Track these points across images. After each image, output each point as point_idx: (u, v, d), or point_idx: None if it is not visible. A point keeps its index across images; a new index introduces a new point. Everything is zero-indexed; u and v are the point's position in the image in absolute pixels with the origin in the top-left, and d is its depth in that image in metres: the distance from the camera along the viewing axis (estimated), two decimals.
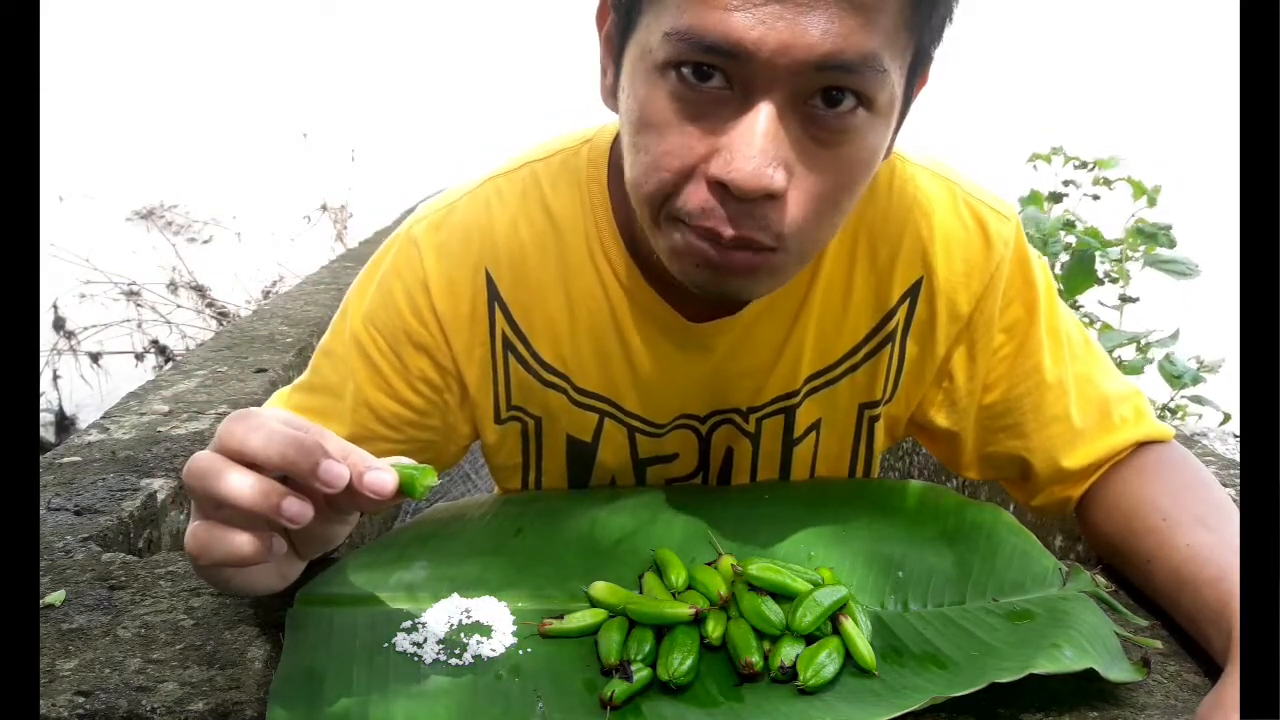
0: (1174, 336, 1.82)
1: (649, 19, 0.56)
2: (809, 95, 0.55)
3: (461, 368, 0.75)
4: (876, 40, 0.53)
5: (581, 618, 0.61)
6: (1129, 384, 0.78)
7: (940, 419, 0.78)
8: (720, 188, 0.56)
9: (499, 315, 0.74)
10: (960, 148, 0.77)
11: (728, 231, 0.57)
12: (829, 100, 0.55)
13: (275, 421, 0.51)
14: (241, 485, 0.49)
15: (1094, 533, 0.76)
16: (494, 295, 0.74)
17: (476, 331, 0.74)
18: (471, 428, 0.80)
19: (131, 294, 4.12)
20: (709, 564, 0.66)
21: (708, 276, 0.60)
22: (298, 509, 0.50)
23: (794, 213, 0.57)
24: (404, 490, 0.52)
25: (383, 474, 0.51)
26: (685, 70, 0.55)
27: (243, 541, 0.51)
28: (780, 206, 0.56)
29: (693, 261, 0.60)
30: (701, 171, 0.56)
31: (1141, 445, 0.76)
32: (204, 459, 0.51)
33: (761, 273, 0.60)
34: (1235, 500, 0.78)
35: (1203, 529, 0.65)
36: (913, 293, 0.74)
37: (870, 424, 0.79)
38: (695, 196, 0.57)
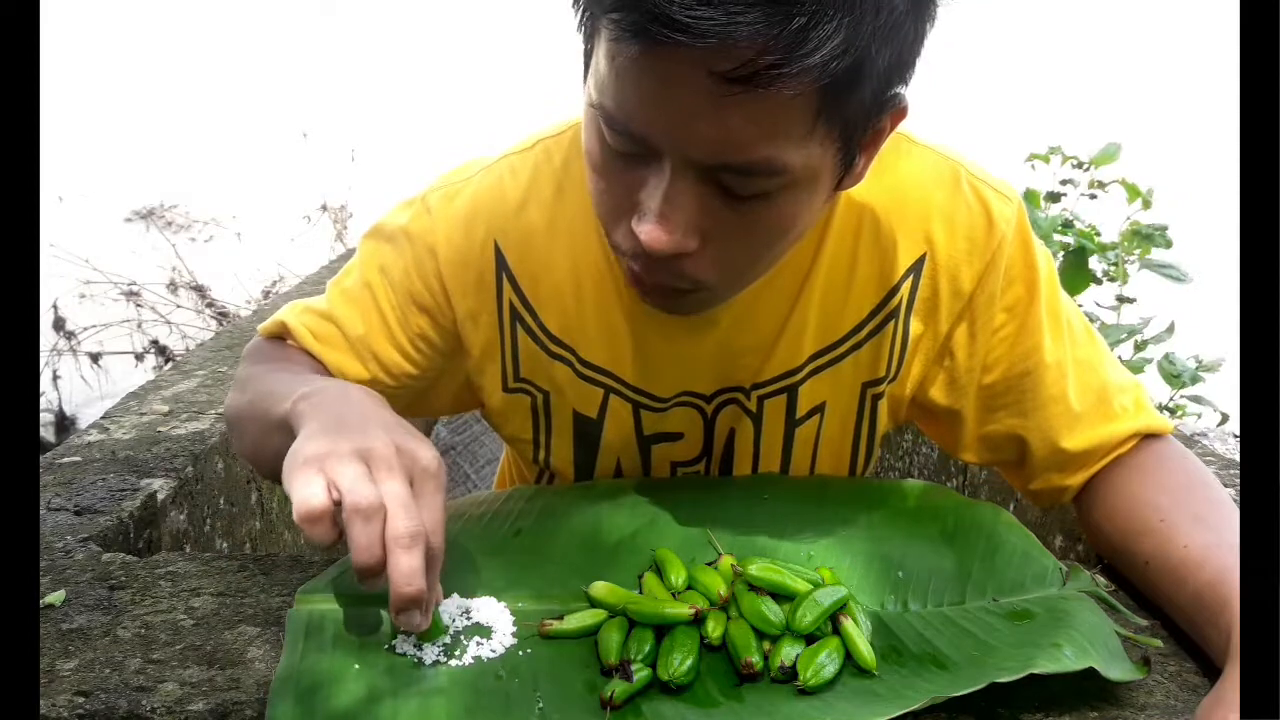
0: (1170, 330, 1.82)
1: (594, 58, 0.58)
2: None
3: (464, 333, 0.78)
4: (774, 147, 0.54)
5: (581, 618, 0.61)
6: (1130, 376, 0.79)
7: (941, 398, 0.78)
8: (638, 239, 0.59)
9: (507, 286, 0.76)
10: (958, 148, 0.77)
11: (646, 278, 0.62)
12: (746, 172, 0.56)
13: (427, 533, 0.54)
14: (368, 534, 0.52)
15: (1094, 533, 0.76)
16: (502, 266, 0.76)
17: (484, 299, 0.77)
18: (458, 392, 0.82)
19: (131, 294, 4.12)
20: (709, 564, 0.66)
21: (648, 299, 0.66)
22: (370, 580, 0.53)
23: (711, 267, 0.61)
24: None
25: (420, 621, 0.55)
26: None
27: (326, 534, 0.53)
28: (696, 261, 0.60)
29: (633, 285, 0.65)
30: (628, 220, 0.60)
31: (1141, 441, 0.76)
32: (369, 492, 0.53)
33: (691, 304, 0.66)
34: (1235, 499, 0.78)
35: (1201, 529, 0.65)
36: (916, 269, 0.74)
37: (874, 404, 0.79)
38: (625, 240, 0.61)
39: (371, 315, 0.77)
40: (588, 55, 0.60)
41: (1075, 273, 1.86)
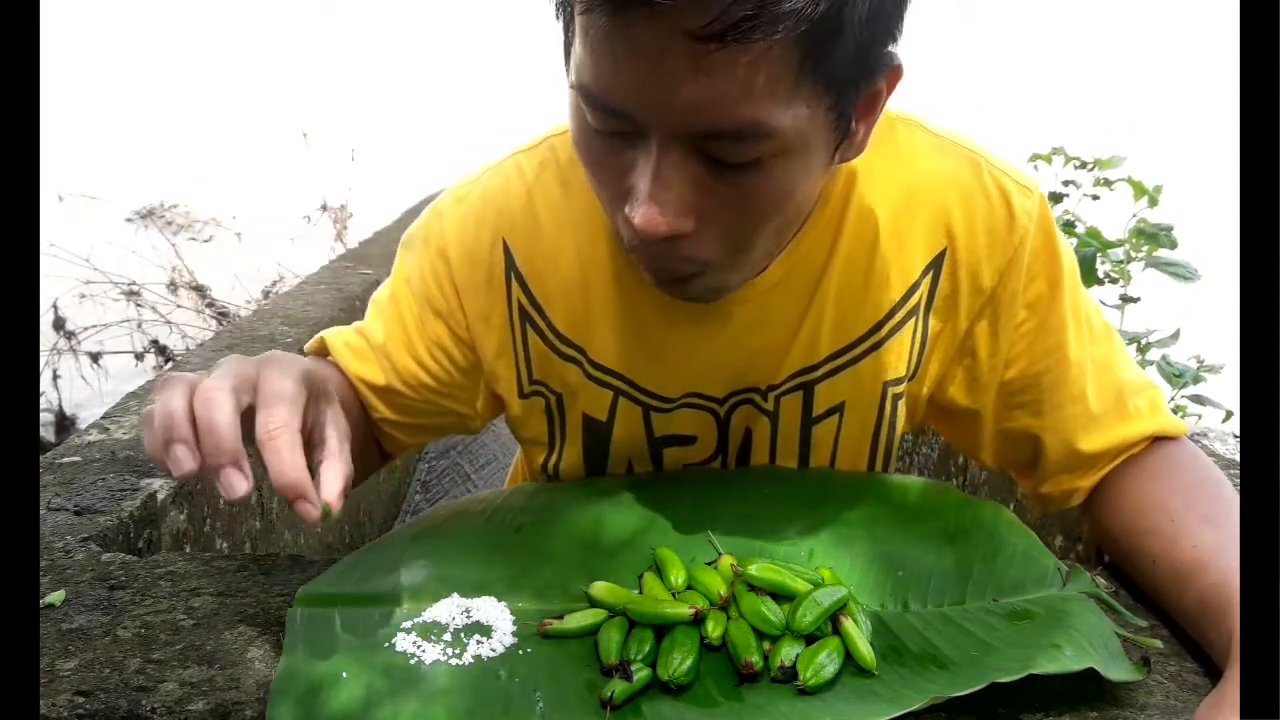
0: (1174, 336, 1.82)
1: (575, 43, 0.57)
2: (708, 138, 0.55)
3: (477, 336, 0.78)
4: (759, 107, 0.52)
5: (581, 618, 0.61)
6: (1145, 376, 0.78)
7: (961, 397, 0.77)
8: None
9: (515, 286, 0.76)
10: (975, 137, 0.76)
11: (651, 265, 0.61)
12: (733, 137, 0.54)
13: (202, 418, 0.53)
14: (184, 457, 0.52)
15: (1102, 532, 0.76)
16: (510, 265, 0.76)
17: (494, 300, 0.77)
18: (486, 400, 0.82)
19: (131, 294, 4.12)
20: (709, 564, 0.66)
21: (660, 286, 0.65)
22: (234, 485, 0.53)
23: (712, 246, 0.60)
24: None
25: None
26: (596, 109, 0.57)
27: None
28: (697, 241, 0.59)
29: (648, 272, 0.64)
30: (623, 207, 0.59)
31: (1154, 442, 0.75)
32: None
33: (701, 289, 0.64)
34: None
35: (1209, 529, 0.65)
36: (936, 265, 0.72)
37: (894, 403, 0.78)
38: (624, 228, 0.60)
39: (393, 324, 0.79)
40: (567, 45, 0.60)
41: (1083, 274, 1.86)
